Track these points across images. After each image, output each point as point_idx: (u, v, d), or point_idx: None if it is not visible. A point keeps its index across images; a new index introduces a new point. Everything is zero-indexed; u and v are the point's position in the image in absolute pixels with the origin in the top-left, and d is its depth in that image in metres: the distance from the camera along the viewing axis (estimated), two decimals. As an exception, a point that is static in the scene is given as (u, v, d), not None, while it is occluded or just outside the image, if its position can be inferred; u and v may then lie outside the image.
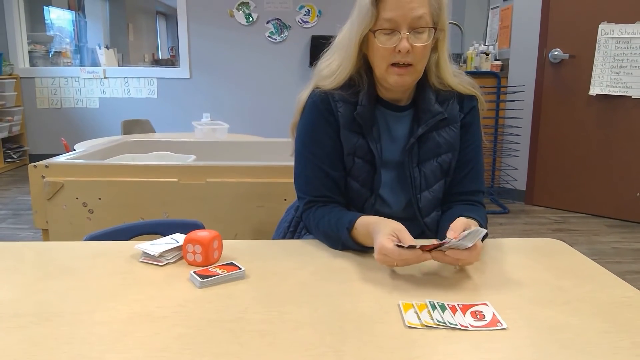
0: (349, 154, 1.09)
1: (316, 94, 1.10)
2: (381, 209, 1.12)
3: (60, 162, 1.69)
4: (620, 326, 0.71)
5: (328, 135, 1.09)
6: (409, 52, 0.99)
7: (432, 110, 1.09)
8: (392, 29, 0.99)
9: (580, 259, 0.98)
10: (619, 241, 3.02)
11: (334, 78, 1.08)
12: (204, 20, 5.00)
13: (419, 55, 1.01)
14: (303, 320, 0.72)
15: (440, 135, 1.10)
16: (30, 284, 0.84)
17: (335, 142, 1.09)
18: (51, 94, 5.17)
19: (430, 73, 1.09)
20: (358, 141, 1.08)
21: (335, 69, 1.09)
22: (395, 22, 0.99)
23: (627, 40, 3.23)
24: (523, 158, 3.75)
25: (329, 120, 1.08)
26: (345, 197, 1.12)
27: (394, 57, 1.01)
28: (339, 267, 0.92)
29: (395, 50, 1.00)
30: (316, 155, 1.09)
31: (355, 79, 1.08)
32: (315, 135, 1.10)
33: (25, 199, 3.85)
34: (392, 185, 1.12)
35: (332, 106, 1.08)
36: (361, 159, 1.09)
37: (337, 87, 1.08)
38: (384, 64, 1.02)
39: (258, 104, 5.06)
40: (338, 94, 1.08)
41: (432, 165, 1.10)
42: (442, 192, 1.13)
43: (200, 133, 2.82)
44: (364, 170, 1.09)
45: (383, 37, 1.01)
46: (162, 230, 1.18)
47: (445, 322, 0.71)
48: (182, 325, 0.70)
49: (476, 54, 3.90)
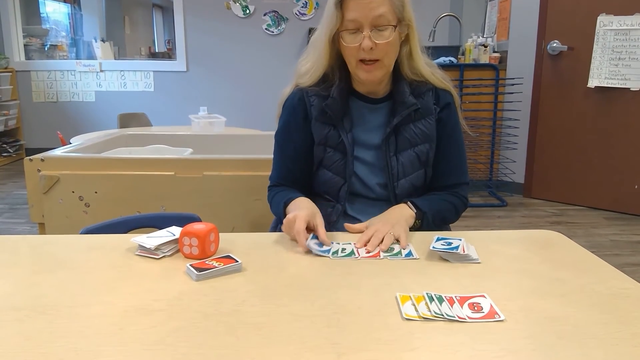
0: (319, 144, 1.18)
1: (294, 92, 1.21)
2: (359, 191, 1.20)
3: (56, 156, 1.68)
4: (619, 318, 0.71)
5: (299, 131, 1.20)
6: (372, 50, 1.07)
7: (407, 102, 1.16)
8: (355, 29, 1.08)
9: (579, 251, 0.98)
10: (617, 234, 3.02)
11: (309, 76, 1.18)
12: (200, 13, 4.97)
13: (383, 51, 1.08)
14: (300, 313, 0.71)
15: (417, 127, 1.17)
16: (26, 278, 0.84)
17: (305, 137, 1.19)
18: (47, 87, 5.14)
19: (402, 65, 1.17)
20: (329, 132, 1.17)
21: (309, 67, 1.18)
22: (358, 22, 1.07)
23: (625, 32, 3.22)
24: (521, 151, 3.75)
25: (301, 115, 1.19)
26: (306, 186, 1.23)
27: (360, 54, 1.09)
28: (336, 260, 0.92)
29: (360, 48, 1.08)
30: (285, 150, 1.22)
31: (329, 74, 1.17)
32: (287, 133, 1.22)
33: (21, 193, 3.84)
34: (371, 169, 1.19)
35: (306, 101, 1.18)
36: (332, 149, 1.18)
37: (313, 83, 1.18)
38: (353, 61, 1.11)
39: (255, 97, 5.04)
40: (312, 90, 1.18)
41: (410, 154, 1.17)
42: (420, 181, 1.20)
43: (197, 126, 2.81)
44: (335, 159, 1.18)
45: (348, 37, 1.09)
46: (158, 224, 1.17)
47: (443, 314, 0.71)
48: (179, 319, 0.70)
49: (474, 46, 3.88)
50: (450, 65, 3.72)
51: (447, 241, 0.95)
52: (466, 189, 1.24)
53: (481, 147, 3.71)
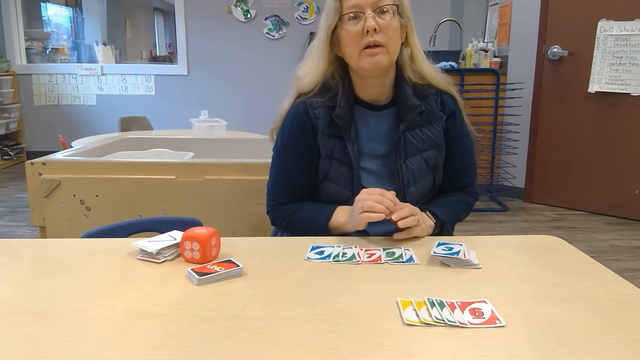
0: (325, 157, 1.14)
1: (297, 104, 1.16)
2: None
3: (57, 159, 1.68)
4: (619, 323, 0.71)
5: (306, 145, 1.15)
6: (376, 31, 1.05)
7: (411, 104, 1.13)
8: (356, 13, 1.06)
9: (579, 256, 0.98)
10: (617, 239, 3.02)
11: (309, 78, 1.14)
12: (201, 17, 4.98)
13: (387, 36, 1.06)
14: (301, 318, 0.71)
15: (423, 132, 1.15)
16: (27, 281, 0.84)
17: (311, 152, 1.15)
18: (48, 90, 5.15)
19: (405, 68, 1.15)
20: (335, 144, 1.14)
21: (308, 70, 1.16)
22: (359, 6, 1.06)
23: (626, 37, 3.23)
24: (522, 155, 3.75)
25: (306, 130, 1.14)
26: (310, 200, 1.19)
27: (364, 39, 1.06)
28: (337, 265, 0.92)
29: (363, 32, 1.05)
30: (290, 165, 1.17)
31: (331, 83, 1.14)
32: (292, 147, 1.16)
33: (22, 196, 3.84)
34: (379, 180, 1.15)
35: (311, 114, 1.14)
36: (338, 161, 1.14)
37: (313, 88, 1.14)
38: (357, 49, 1.07)
39: (256, 101, 5.05)
40: (316, 101, 1.13)
41: (418, 161, 1.15)
42: (429, 187, 1.18)
43: (198, 130, 2.81)
44: (341, 172, 1.14)
45: (350, 24, 1.07)
46: (159, 228, 1.17)
47: (444, 319, 0.71)
48: (180, 323, 0.70)
49: (475, 51, 3.89)
50: (451, 70, 3.73)
51: (448, 246, 0.95)
52: (476, 183, 1.27)
53: (482, 151, 3.71)
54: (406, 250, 0.97)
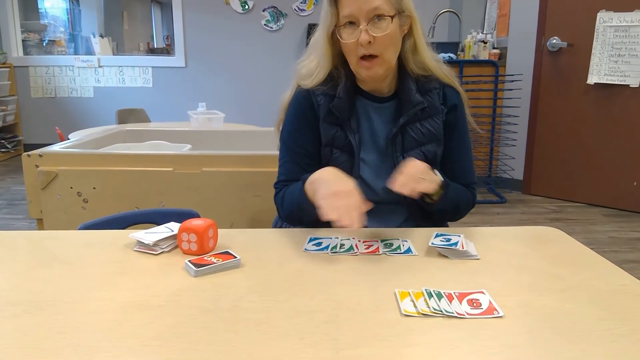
0: (326, 145, 1.14)
1: (299, 91, 1.16)
2: (365, 195, 1.13)
3: (54, 152, 1.68)
4: (617, 314, 0.71)
5: (307, 130, 1.15)
6: (370, 44, 1.04)
7: (413, 100, 1.13)
8: (352, 24, 1.05)
9: (577, 247, 0.98)
10: (616, 230, 3.03)
11: (313, 77, 1.14)
12: (199, 9, 4.95)
13: (382, 45, 1.05)
14: (298, 309, 0.71)
15: (424, 126, 1.14)
16: (24, 273, 0.83)
17: (313, 137, 1.15)
18: (45, 83, 5.12)
19: (407, 60, 1.13)
20: (336, 132, 1.13)
21: (313, 68, 1.14)
22: (354, 16, 1.04)
23: (625, 28, 3.22)
24: (520, 147, 3.75)
25: (309, 115, 1.14)
26: None
27: (359, 50, 1.05)
28: (335, 256, 0.92)
29: (358, 44, 1.04)
30: (294, 149, 1.16)
31: (334, 73, 1.13)
32: (295, 132, 1.16)
33: (19, 188, 3.83)
34: (377, 171, 1.15)
35: (313, 100, 1.14)
36: (339, 150, 1.14)
37: (317, 84, 1.13)
38: (353, 57, 1.08)
39: (254, 93, 5.03)
40: (318, 89, 1.14)
41: (417, 154, 1.13)
42: None
43: (195, 122, 2.80)
44: (341, 161, 1.14)
45: (345, 33, 1.06)
46: (157, 220, 1.17)
47: (442, 310, 0.71)
48: (177, 314, 0.70)
49: (474, 43, 3.87)
50: (450, 62, 3.70)
51: (446, 237, 0.95)
52: (475, 188, 1.23)
53: (480, 143, 3.71)
54: (404, 242, 0.97)
